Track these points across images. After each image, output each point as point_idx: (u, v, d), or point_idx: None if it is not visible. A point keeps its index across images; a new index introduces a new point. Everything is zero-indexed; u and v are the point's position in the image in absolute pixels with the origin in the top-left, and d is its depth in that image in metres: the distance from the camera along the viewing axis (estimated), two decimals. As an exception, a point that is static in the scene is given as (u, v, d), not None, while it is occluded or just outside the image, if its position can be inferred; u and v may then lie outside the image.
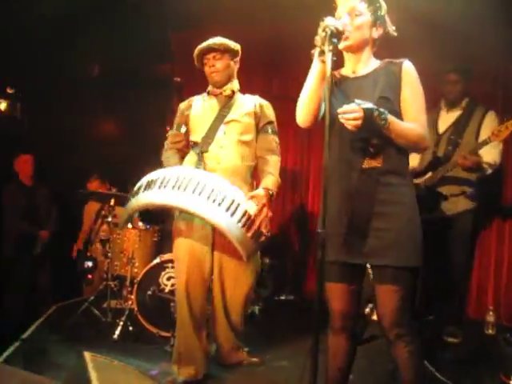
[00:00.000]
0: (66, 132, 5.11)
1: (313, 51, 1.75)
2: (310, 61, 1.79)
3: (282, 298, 4.42)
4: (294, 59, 4.34)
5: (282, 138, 4.65)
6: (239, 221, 2.17)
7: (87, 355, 1.71)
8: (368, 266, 1.86)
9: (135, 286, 3.37)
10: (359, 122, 1.64)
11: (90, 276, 4.21)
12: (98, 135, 5.65)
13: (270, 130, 2.70)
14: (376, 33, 1.84)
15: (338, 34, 1.66)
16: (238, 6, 4.02)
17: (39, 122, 5.13)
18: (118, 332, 3.26)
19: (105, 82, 5.26)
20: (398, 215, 1.76)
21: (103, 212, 4.30)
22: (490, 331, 3.53)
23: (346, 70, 1.92)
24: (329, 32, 1.62)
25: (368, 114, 1.64)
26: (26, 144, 4.76)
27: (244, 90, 2.84)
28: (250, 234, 2.21)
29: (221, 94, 2.71)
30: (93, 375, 1.59)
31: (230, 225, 2.17)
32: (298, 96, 1.88)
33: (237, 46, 2.69)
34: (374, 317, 2.77)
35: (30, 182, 4.37)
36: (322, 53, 1.66)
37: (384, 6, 1.85)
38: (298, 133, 4.58)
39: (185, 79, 4.99)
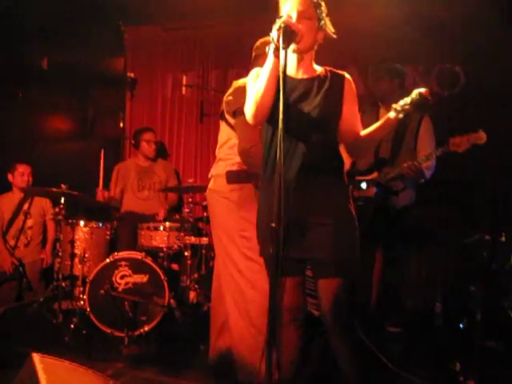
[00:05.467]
0: (12, 128, 4.90)
1: (267, 47, 1.77)
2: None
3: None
4: (249, 53, 4.36)
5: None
6: None
7: (36, 356, 1.65)
8: None
9: (87, 285, 3.29)
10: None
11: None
12: (46, 131, 5.45)
13: None
14: (321, 37, 1.91)
15: (292, 33, 1.68)
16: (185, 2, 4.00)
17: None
18: (69, 333, 3.17)
19: (54, 76, 5.08)
20: (334, 211, 1.83)
21: (25, 207, 4.14)
22: (438, 322, 3.68)
23: (290, 71, 1.93)
24: (284, 29, 1.64)
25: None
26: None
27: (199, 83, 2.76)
28: None
29: None
30: (42, 377, 1.54)
31: None
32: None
33: None
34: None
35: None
36: (277, 49, 1.69)
37: (325, 9, 1.91)
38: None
39: (138, 75, 4.98)
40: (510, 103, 3.79)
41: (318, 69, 1.94)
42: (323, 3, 1.90)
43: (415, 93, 1.82)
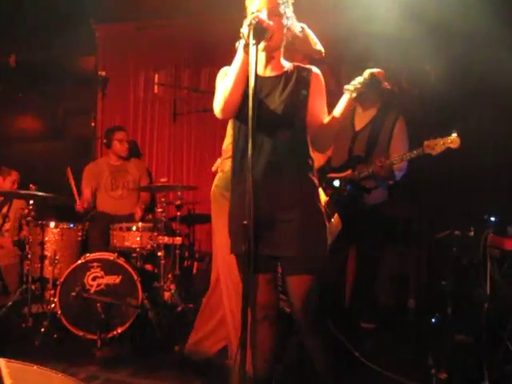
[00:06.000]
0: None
1: (237, 43, 1.76)
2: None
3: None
4: (222, 52, 4.34)
5: (211, 131, 4.73)
6: None
7: (1, 361, 1.59)
8: None
9: (58, 287, 3.22)
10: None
11: None
12: (15, 131, 5.32)
13: None
14: (289, 34, 1.90)
15: (263, 30, 1.69)
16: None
17: None
18: (40, 337, 3.09)
19: (22, 74, 4.96)
20: (301, 206, 1.82)
21: (5, 210, 4.07)
22: (411, 317, 3.75)
23: (258, 69, 1.89)
24: (255, 26, 1.64)
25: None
26: None
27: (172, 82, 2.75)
28: None
29: None
30: (7, 382, 1.48)
31: None
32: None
33: None
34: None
35: None
36: (247, 46, 1.68)
37: (292, 8, 1.92)
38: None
39: (109, 73, 4.91)
40: (479, 105, 3.88)
41: (287, 65, 1.94)
42: (291, 2, 1.90)
43: (367, 72, 1.81)
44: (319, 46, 2.51)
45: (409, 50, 4.07)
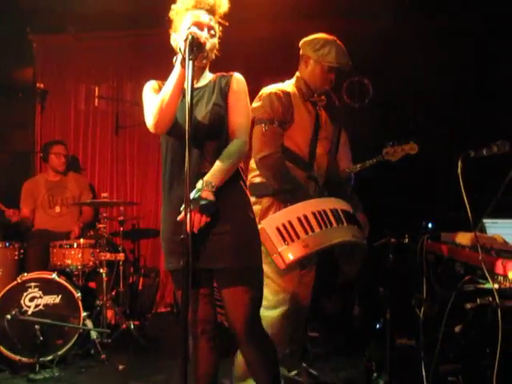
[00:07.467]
0: None
1: (174, 58, 1.77)
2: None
3: (160, 310, 4.31)
4: (165, 65, 4.32)
5: (154, 145, 4.66)
6: None
7: None
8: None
9: (-8, 310, 3.05)
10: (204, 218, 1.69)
11: None
12: None
13: None
14: (215, 51, 1.92)
15: (199, 45, 1.70)
16: (100, 11, 3.90)
17: None
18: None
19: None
20: (233, 218, 1.81)
21: None
22: (356, 324, 3.83)
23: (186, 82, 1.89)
24: (191, 41, 1.66)
25: (203, 206, 1.69)
26: None
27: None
28: None
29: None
30: None
31: None
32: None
33: None
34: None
35: None
36: (184, 60, 1.69)
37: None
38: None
39: (48, 86, 4.76)
40: (417, 114, 4.06)
41: (210, 76, 1.96)
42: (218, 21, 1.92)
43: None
44: (348, 58, 2.57)
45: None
